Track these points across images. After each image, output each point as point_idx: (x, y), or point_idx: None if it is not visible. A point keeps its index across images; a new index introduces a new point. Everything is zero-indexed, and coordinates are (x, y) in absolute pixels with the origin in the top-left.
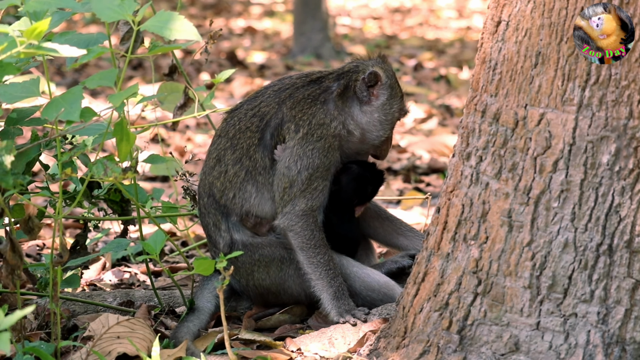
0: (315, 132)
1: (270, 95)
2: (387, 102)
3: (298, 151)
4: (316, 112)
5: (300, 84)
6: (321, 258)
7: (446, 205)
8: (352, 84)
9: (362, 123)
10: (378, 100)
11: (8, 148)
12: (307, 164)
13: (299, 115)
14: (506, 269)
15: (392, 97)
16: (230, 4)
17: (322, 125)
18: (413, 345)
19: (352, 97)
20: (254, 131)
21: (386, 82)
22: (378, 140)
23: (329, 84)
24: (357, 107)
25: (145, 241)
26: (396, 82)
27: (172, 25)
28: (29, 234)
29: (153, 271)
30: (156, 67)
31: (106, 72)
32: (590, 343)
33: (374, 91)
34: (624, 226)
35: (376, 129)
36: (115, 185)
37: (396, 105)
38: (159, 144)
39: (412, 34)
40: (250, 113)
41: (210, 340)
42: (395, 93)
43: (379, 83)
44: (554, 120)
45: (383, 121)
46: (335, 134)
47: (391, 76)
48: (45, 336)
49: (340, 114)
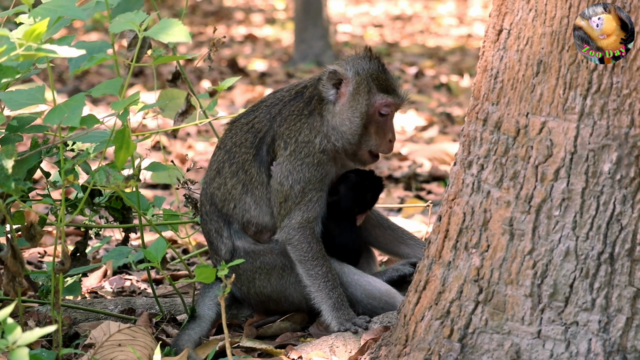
0: (303, 150)
1: (263, 111)
2: (352, 96)
3: (288, 167)
4: (301, 128)
5: (287, 98)
6: (319, 270)
7: (447, 214)
8: (319, 87)
9: (336, 125)
10: (344, 97)
11: (9, 153)
12: (299, 178)
13: (287, 133)
14: (507, 278)
15: (357, 92)
16: (231, 11)
17: (307, 142)
18: (414, 354)
19: (326, 102)
20: (249, 147)
21: (351, 77)
22: (353, 137)
23: (310, 94)
24: (331, 111)
25: (147, 249)
26: (369, 76)
27: (170, 31)
28: (30, 241)
29: (154, 279)
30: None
31: (111, 82)
32: (592, 351)
33: (341, 89)
34: (625, 234)
35: (345, 126)
36: (116, 193)
37: (363, 97)
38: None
39: (413, 41)
40: (245, 128)
41: (211, 348)
42: (362, 87)
43: (343, 80)
44: (555, 129)
45: (351, 117)
46: (322, 149)
47: (362, 70)
48: (46, 344)
49: (322, 124)
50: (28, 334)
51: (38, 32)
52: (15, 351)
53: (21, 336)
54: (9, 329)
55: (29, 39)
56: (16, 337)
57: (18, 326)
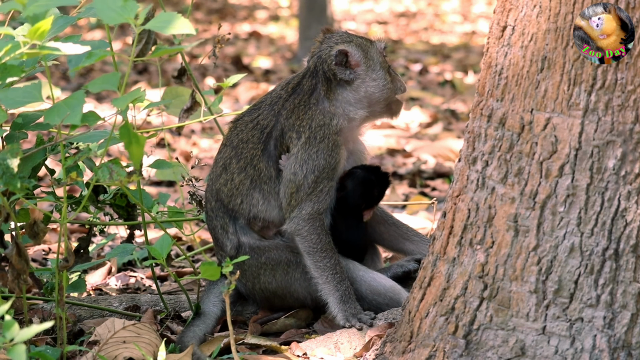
0: (318, 134)
1: (266, 109)
2: (367, 61)
3: (303, 156)
4: (313, 115)
5: (285, 95)
6: (328, 262)
7: (452, 210)
8: (329, 74)
9: (363, 95)
10: (361, 68)
11: (14, 151)
12: (313, 167)
13: (298, 123)
14: (512, 274)
15: (367, 56)
16: (236, 8)
17: (322, 126)
18: (419, 350)
19: (338, 85)
20: (256, 142)
21: (354, 49)
22: (387, 91)
23: (310, 85)
24: (348, 90)
25: (152, 246)
26: (358, 39)
27: (171, 24)
28: (33, 238)
29: (159, 276)
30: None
31: (109, 76)
32: (597, 348)
33: (352, 64)
34: (630, 231)
35: (378, 87)
36: (121, 190)
37: (375, 54)
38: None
39: (417, 38)
40: (250, 125)
41: (216, 344)
42: (367, 49)
43: (349, 56)
44: (560, 125)
45: (377, 77)
46: (338, 130)
47: (355, 39)
48: (51, 341)
49: (337, 107)
50: (26, 331)
51: (42, 30)
52: (13, 348)
53: (19, 333)
54: (6, 325)
55: (33, 37)
56: (14, 334)
57: (16, 323)
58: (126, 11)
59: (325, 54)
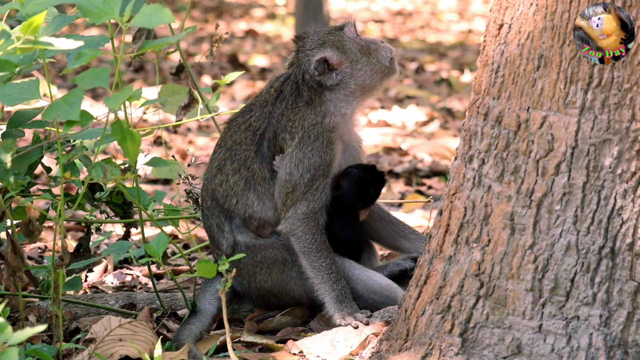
0: (311, 133)
1: (258, 111)
2: (349, 55)
3: (298, 155)
4: (305, 115)
5: (271, 99)
6: (323, 262)
7: (448, 208)
8: (314, 84)
9: (354, 88)
10: (344, 65)
11: (7, 147)
12: (309, 165)
13: (290, 124)
14: (508, 272)
15: (346, 51)
16: (232, 6)
17: (315, 124)
18: (415, 348)
19: (325, 88)
20: (249, 144)
21: (331, 52)
22: (378, 75)
23: (291, 91)
24: (337, 89)
25: (148, 244)
26: (337, 35)
27: (155, 17)
28: (28, 237)
29: (155, 274)
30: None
31: (98, 70)
32: (593, 346)
33: (335, 66)
34: (626, 229)
35: (367, 75)
36: (117, 188)
37: (355, 45)
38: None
39: (413, 36)
40: (243, 127)
41: (212, 342)
42: (346, 43)
43: (329, 59)
44: (556, 123)
45: (363, 66)
46: (331, 128)
47: (327, 38)
48: (47, 338)
49: (328, 106)
50: (19, 334)
51: (35, 25)
52: (6, 351)
53: (12, 335)
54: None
55: (26, 32)
56: (7, 337)
57: (9, 325)
58: (109, 7)
59: (305, 66)
